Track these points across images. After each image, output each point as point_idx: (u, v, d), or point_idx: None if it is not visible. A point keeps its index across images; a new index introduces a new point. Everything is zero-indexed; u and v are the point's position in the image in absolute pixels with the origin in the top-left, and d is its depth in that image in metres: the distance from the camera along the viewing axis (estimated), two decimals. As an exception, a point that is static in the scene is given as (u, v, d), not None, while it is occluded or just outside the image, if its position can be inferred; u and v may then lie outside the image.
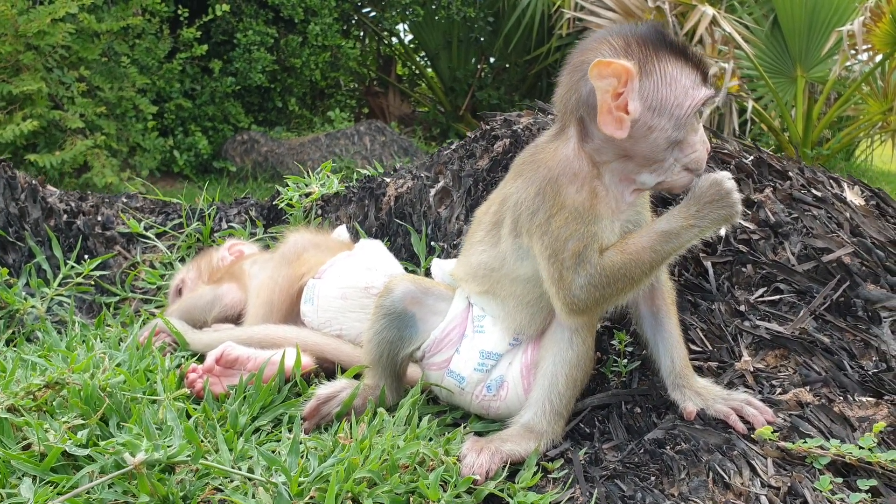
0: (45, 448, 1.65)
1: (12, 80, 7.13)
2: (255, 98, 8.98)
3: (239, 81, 8.49)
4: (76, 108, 7.38)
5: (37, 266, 2.59)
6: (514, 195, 1.70)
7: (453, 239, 2.45)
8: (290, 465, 1.59)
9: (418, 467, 1.58)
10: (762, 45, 7.54)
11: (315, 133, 9.01)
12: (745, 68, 7.40)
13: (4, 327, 2.41)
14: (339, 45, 9.04)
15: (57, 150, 7.30)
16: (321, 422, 1.84)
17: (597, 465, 1.64)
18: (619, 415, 1.76)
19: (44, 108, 7.18)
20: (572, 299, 1.60)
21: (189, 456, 1.57)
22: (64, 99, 7.47)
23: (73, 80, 7.53)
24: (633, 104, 1.54)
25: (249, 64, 8.43)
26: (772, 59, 7.56)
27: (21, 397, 1.84)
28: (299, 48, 8.78)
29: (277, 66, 8.72)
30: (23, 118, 7.02)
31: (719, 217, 1.59)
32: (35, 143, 7.42)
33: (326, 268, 2.21)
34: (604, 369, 1.89)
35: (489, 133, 2.54)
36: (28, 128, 6.85)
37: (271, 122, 9.18)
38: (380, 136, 9.12)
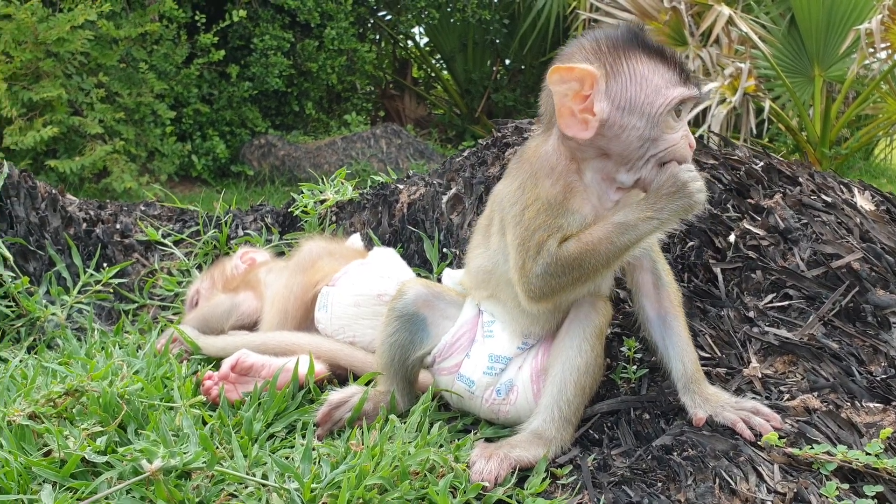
0: (65, 455, 1.69)
1: (33, 86, 7.23)
2: (273, 102, 9.05)
3: (256, 86, 8.55)
4: (95, 113, 7.48)
5: (57, 274, 2.64)
6: (501, 193, 1.75)
7: (465, 245, 2.47)
8: (303, 471, 1.63)
9: (428, 474, 1.61)
10: (779, 45, 7.51)
11: (331, 136, 9.06)
12: (761, 68, 7.37)
13: (26, 335, 2.46)
14: (356, 49, 9.09)
15: (77, 155, 7.39)
16: (334, 427, 1.87)
17: (605, 471, 1.66)
18: (628, 421, 1.77)
19: (63, 115, 7.28)
20: (530, 287, 1.66)
21: (205, 463, 1.61)
22: (83, 105, 7.57)
23: (92, 87, 7.63)
24: (598, 105, 1.59)
25: (266, 69, 8.50)
26: (789, 58, 7.53)
27: (42, 405, 1.88)
28: (315, 52, 8.84)
29: (294, 70, 8.78)
30: (43, 124, 7.12)
31: (678, 208, 1.61)
32: (55, 148, 7.52)
33: (340, 275, 2.24)
34: (613, 375, 1.90)
35: (500, 140, 2.56)
36: (48, 134, 6.94)
37: (288, 126, 9.24)
38: (396, 138, 9.16)
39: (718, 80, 7.12)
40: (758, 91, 7.15)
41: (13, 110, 7.04)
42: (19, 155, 7.23)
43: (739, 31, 7.21)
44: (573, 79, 1.58)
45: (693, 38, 7.45)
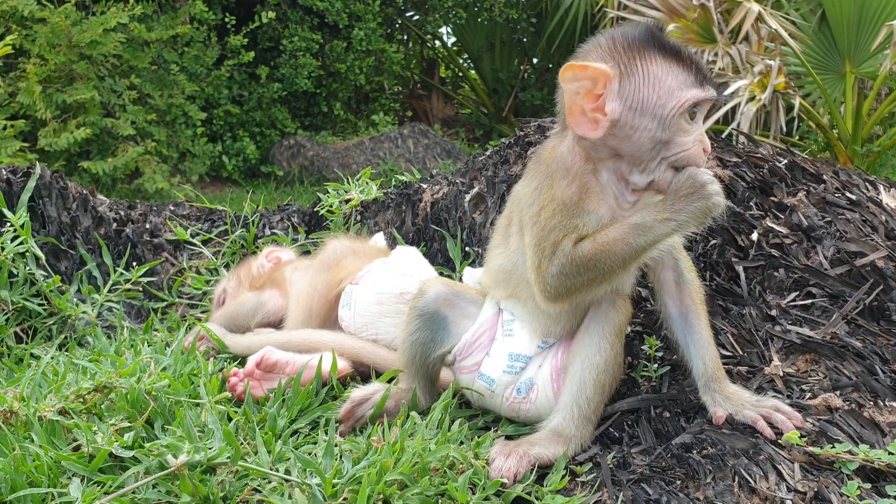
0: (93, 449, 1.73)
1: (66, 89, 7.36)
2: (302, 103, 9.12)
3: (285, 87, 8.63)
4: (127, 115, 7.59)
5: (87, 273, 2.69)
6: (519, 193, 1.77)
7: (487, 244, 2.48)
8: (325, 467, 1.65)
9: (448, 470, 1.62)
10: (809, 41, 7.42)
11: (359, 137, 9.12)
12: (791, 65, 7.29)
13: (57, 332, 2.51)
14: (383, 50, 9.13)
15: (109, 156, 7.51)
16: (356, 424, 1.90)
17: (625, 468, 1.66)
18: (648, 419, 1.78)
19: (96, 116, 7.39)
20: (546, 287, 1.66)
21: (229, 458, 1.64)
22: (116, 107, 7.69)
23: (124, 88, 7.75)
24: (610, 105, 1.59)
25: (295, 70, 8.57)
26: (820, 55, 7.44)
27: (72, 401, 1.93)
28: (344, 53, 8.89)
29: (322, 71, 8.84)
30: (76, 126, 7.24)
31: (696, 210, 1.60)
32: (88, 150, 7.65)
33: (363, 274, 2.26)
34: (634, 374, 1.90)
35: (523, 139, 2.57)
36: (82, 135, 7.06)
37: (317, 126, 9.31)
38: (423, 138, 9.19)
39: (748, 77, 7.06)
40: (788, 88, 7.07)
41: (47, 112, 7.16)
42: (53, 156, 7.36)
43: (769, 27, 7.14)
44: (586, 77, 1.59)
45: (722, 36, 7.39)
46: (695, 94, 1.59)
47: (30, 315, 2.52)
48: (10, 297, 2.47)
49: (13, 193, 2.64)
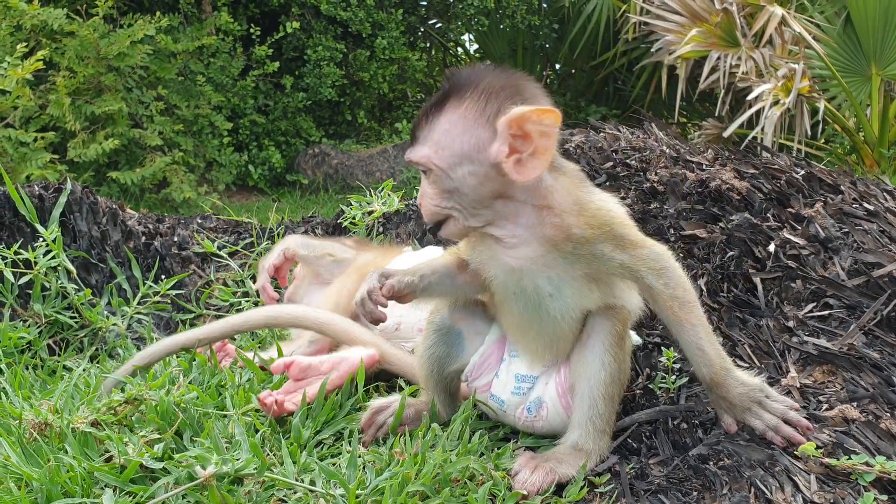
0: (124, 461, 1.78)
1: (95, 100, 7.49)
2: (326, 112, 9.20)
3: (310, 96, 8.71)
4: (155, 126, 7.71)
5: (117, 286, 2.76)
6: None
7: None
8: (348, 477, 1.69)
9: (469, 482, 1.66)
10: (834, 44, 7.38)
11: (383, 145, 9.18)
12: (816, 68, 7.26)
13: (88, 344, 2.58)
14: (406, 58, 9.19)
15: (137, 167, 7.63)
16: (378, 433, 1.93)
17: (643, 479, 1.69)
18: (666, 430, 1.80)
19: (124, 127, 7.52)
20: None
21: (255, 469, 1.68)
22: (143, 118, 7.81)
23: (151, 100, 7.87)
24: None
25: (320, 79, 8.65)
26: (845, 58, 7.40)
27: (103, 412, 1.99)
28: (367, 62, 8.96)
29: (346, 80, 8.91)
30: (105, 137, 7.36)
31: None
32: (116, 161, 7.77)
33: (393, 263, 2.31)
34: (652, 385, 1.93)
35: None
36: (110, 146, 7.17)
37: (341, 135, 9.39)
38: (446, 145, 9.22)
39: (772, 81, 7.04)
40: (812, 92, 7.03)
41: (76, 124, 7.29)
42: (82, 167, 7.50)
43: (793, 31, 7.11)
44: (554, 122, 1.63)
45: (745, 40, 7.37)
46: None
47: (62, 328, 2.59)
48: (43, 310, 2.54)
49: (45, 209, 2.71)
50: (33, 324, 2.54)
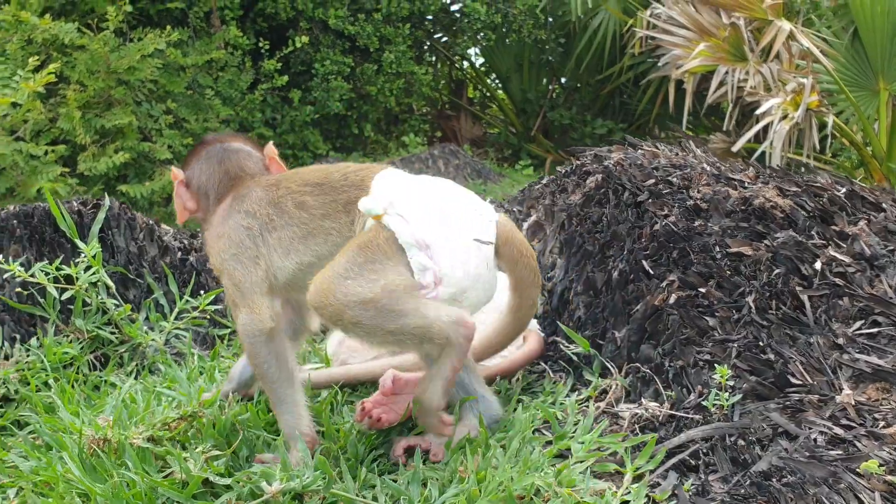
0: (186, 476, 1.79)
1: (105, 114, 7.50)
2: (333, 125, 9.23)
3: (317, 110, 8.74)
4: (164, 139, 7.71)
5: (155, 301, 2.77)
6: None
7: (547, 272, 2.54)
8: (412, 494, 1.70)
9: (534, 497, 1.67)
10: (842, 59, 7.44)
11: (390, 157, 9.21)
12: (824, 82, 7.31)
13: (129, 359, 2.59)
14: (413, 72, 9.24)
15: (147, 180, 7.63)
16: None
17: (704, 496, 1.70)
18: (724, 447, 1.81)
19: (134, 141, 7.52)
20: None
21: (321, 485, 1.69)
22: (152, 131, 7.82)
23: (160, 113, 7.88)
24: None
25: (327, 93, 8.68)
26: (852, 72, 7.46)
27: (158, 428, 2.00)
28: (374, 76, 9.00)
29: (354, 93, 8.95)
30: (115, 150, 7.36)
31: None
32: (125, 174, 7.78)
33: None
34: (706, 402, 1.94)
35: (581, 168, 2.63)
36: (120, 160, 7.18)
37: (348, 148, 9.41)
38: (454, 159, 9.27)
39: (780, 95, 7.09)
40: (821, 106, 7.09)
41: (87, 137, 7.30)
42: (92, 180, 7.49)
43: (801, 45, 7.17)
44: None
45: (753, 55, 7.43)
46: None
47: (102, 343, 2.60)
48: (85, 325, 2.55)
49: (84, 225, 2.72)
50: (75, 339, 2.54)
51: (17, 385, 2.35)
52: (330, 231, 1.90)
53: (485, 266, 1.84)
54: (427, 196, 1.87)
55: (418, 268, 1.80)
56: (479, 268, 1.82)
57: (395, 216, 1.82)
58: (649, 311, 2.15)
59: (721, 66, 7.70)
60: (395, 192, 1.85)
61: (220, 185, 2.07)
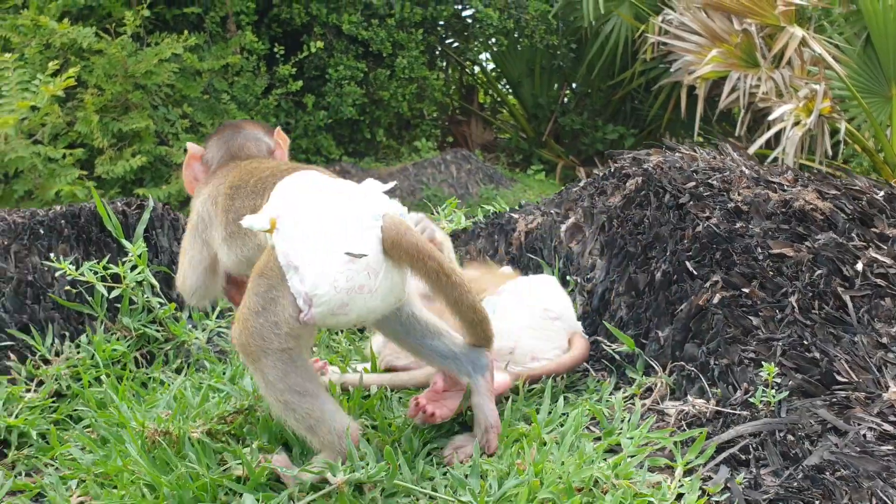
0: (247, 470, 1.83)
1: (122, 118, 7.56)
2: (346, 130, 9.29)
3: (331, 115, 8.80)
4: (180, 143, 7.77)
5: (197, 300, 2.81)
6: None
7: (587, 273, 2.58)
8: (472, 485, 1.74)
9: (593, 488, 1.72)
10: (854, 65, 7.49)
11: (402, 163, 9.27)
12: (835, 88, 7.36)
13: (174, 357, 2.63)
14: (425, 77, 9.30)
15: (163, 184, 7.69)
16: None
17: (756, 489, 1.74)
18: (774, 442, 1.85)
19: (151, 144, 7.58)
20: None
21: (385, 475, 1.74)
22: (169, 135, 7.88)
23: (177, 117, 7.94)
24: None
25: (340, 98, 8.74)
26: (865, 78, 7.51)
27: (215, 422, 2.04)
28: (387, 81, 9.06)
29: (366, 98, 9.00)
30: (132, 154, 7.43)
31: None
32: (142, 177, 7.84)
33: (506, 288, 2.37)
34: (752, 399, 1.98)
35: (620, 171, 2.67)
36: (137, 163, 7.24)
37: (360, 153, 9.47)
38: (465, 164, 9.33)
39: (793, 102, 7.14)
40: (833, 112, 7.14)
41: (104, 141, 7.36)
42: (109, 183, 7.54)
43: (813, 51, 7.21)
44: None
45: (765, 61, 7.47)
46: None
47: (147, 341, 2.64)
48: (132, 323, 2.59)
49: (129, 225, 2.77)
50: (122, 337, 2.59)
51: (69, 381, 2.40)
52: (247, 234, 1.92)
53: (365, 276, 1.77)
54: (307, 208, 1.83)
55: (294, 291, 1.78)
56: (354, 280, 1.76)
57: (278, 233, 1.80)
58: (693, 310, 2.19)
59: (733, 72, 7.74)
60: (283, 205, 1.84)
61: (220, 162, 2.19)
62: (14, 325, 2.45)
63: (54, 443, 2.14)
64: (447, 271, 1.85)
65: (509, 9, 9.47)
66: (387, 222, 1.81)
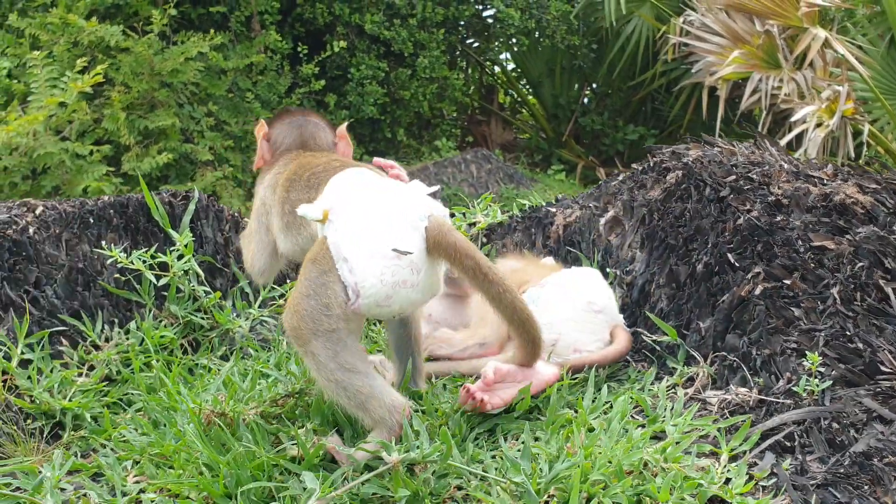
0: (302, 450, 1.87)
1: (148, 115, 7.64)
2: (366, 129, 9.34)
3: (352, 114, 8.85)
4: (205, 141, 7.84)
5: (240, 290, 2.86)
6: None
7: (626, 265, 2.62)
8: (524, 467, 1.78)
9: (643, 471, 1.75)
10: (877, 66, 7.48)
11: (423, 162, 9.31)
12: (858, 90, 7.35)
13: (219, 344, 2.68)
14: (446, 77, 9.34)
15: (188, 181, 7.77)
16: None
17: (803, 475, 1.77)
18: (819, 430, 1.88)
19: (176, 142, 7.66)
20: None
21: (439, 456, 1.78)
22: (194, 133, 7.95)
23: (202, 115, 8.01)
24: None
25: (362, 97, 8.79)
26: (888, 80, 7.50)
27: (268, 405, 2.09)
28: (408, 81, 9.11)
29: (387, 98, 9.05)
30: (158, 151, 7.51)
31: None
32: (167, 174, 7.92)
33: (549, 280, 2.41)
34: (796, 388, 2.01)
35: (660, 165, 2.71)
36: (163, 160, 7.32)
37: (381, 152, 9.51)
38: (486, 163, 9.37)
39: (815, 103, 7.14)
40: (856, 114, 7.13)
41: (131, 138, 7.43)
42: (134, 180, 7.62)
43: (835, 53, 7.20)
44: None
45: (787, 62, 7.47)
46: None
47: (193, 328, 2.69)
48: (179, 311, 2.65)
49: (175, 215, 2.83)
50: (169, 324, 2.64)
51: (119, 366, 2.45)
52: (302, 224, 2.06)
53: (409, 272, 1.89)
54: (358, 204, 1.94)
55: (344, 280, 1.88)
56: (398, 275, 1.88)
57: (331, 225, 1.92)
58: (736, 301, 2.23)
59: (755, 73, 7.73)
60: (336, 199, 1.96)
61: (288, 147, 2.32)
62: (66, 312, 2.51)
63: (107, 425, 2.19)
64: (484, 269, 1.95)
65: (531, 9, 9.50)
66: (431, 223, 1.94)
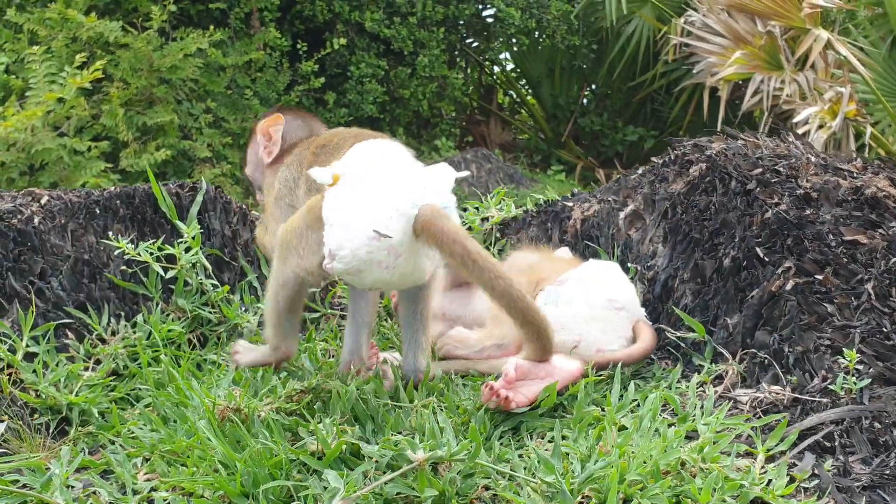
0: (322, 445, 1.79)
1: (146, 111, 7.56)
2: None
3: (351, 112, 8.77)
4: (204, 138, 7.76)
5: (248, 283, 2.78)
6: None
7: (647, 260, 2.55)
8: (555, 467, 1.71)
9: (681, 470, 1.68)
10: (879, 68, 7.44)
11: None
12: (860, 92, 7.32)
13: (226, 339, 2.60)
14: (445, 76, 9.28)
15: (186, 178, 7.68)
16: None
17: (846, 476, 1.71)
18: (860, 429, 1.82)
19: (175, 139, 7.57)
20: None
21: (466, 455, 1.70)
22: (192, 130, 7.87)
23: (200, 112, 7.93)
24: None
25: (361, 95, 8.72)
26: (890, 82, 7.46)
27: (284, 401, 2.01)
28: (408, 79, 9.04)
29: (387, 96, 8.98)
30: (156, 148, 7.42)
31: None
32: (165, 171, 7.83)
33: (567, 277, 2.33)
34: (833, 386, 1.94)
35: (682, 157, 2.64)
36: (161, 157, 7.23)
37: (381, 150, 9.44)
38: (485, 163, 9.29)
39: (818, 104, 7.10)
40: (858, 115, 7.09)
41: (129, 134, 7.35)
42: (132, 176, 7.54)
43: (837, 54, 7.17)
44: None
45: (789, 63, 7.43)
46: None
47: (201, 322, 2.61)
48: (186, 305, 2.57)
49: (182, 207, 2.74)
50: (176, 318, 2.56)
51: (126, 360, 2.37)
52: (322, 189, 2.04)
53: (385, 253, 1.91)
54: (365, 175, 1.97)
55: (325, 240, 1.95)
56: (374, 255, 1.91)
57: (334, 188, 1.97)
58: (766, 297, 2.16)
59: (756, 74, 7.70)
60: (349, 166, 2.00)
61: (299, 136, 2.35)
62: (71, 304, 2.43)
63: (115, 421, 2.11)
64: (474, 255, 1.93)
65: (531, 8, 9.44)
66: (423, 209, 1.93)
